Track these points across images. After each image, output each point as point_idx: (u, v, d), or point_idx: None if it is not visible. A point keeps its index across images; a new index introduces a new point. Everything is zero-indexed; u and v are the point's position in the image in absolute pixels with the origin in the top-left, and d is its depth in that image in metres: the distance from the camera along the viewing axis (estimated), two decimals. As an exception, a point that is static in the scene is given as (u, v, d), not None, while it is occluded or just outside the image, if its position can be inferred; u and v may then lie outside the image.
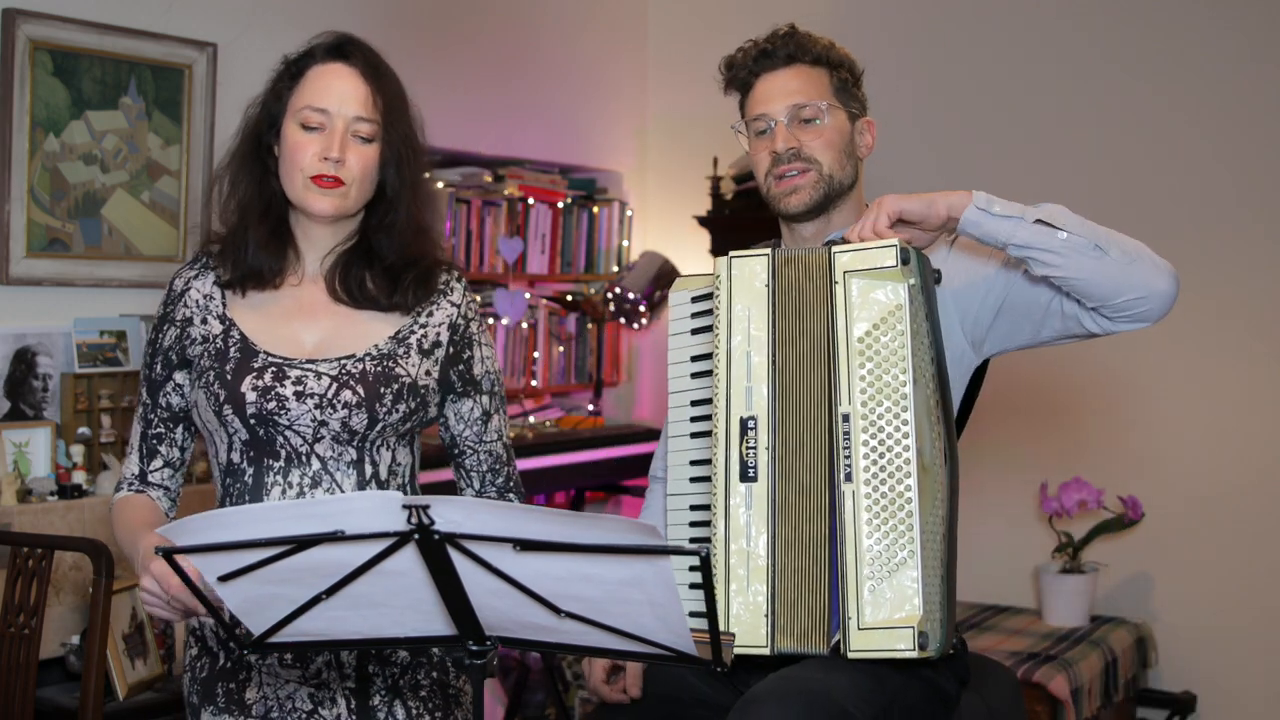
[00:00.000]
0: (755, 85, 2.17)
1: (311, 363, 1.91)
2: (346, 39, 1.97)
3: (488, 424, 2.04)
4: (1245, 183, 3.96)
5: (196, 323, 1.96)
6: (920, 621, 1.80)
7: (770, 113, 2.13)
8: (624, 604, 1.42)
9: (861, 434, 1.86)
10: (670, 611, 1.42)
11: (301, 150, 1.89)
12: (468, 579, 1.45)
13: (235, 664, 1.92)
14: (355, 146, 1.91)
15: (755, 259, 1.96)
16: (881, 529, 1.84)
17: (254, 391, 1.87)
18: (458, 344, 2.01)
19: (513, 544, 1.38)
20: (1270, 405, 3.93)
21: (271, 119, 1.95)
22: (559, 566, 1.40)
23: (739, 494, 1.91)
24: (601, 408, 4.76)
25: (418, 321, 1.99)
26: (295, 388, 1.88)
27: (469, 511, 1.38)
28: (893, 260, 1.87)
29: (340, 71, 1.93)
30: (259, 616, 1.53)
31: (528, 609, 1.46)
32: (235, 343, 1.93)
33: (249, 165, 1.97)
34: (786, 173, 2.11)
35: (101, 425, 3.23)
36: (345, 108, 1.90)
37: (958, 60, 4.38)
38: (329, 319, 1.96)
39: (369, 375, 1.91)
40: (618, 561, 1.38)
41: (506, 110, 4.45)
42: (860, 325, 1.88)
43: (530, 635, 1.53)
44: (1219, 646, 3.99)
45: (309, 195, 1.90)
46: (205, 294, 1.98)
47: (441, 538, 1.40)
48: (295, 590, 1.48)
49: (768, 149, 2.14)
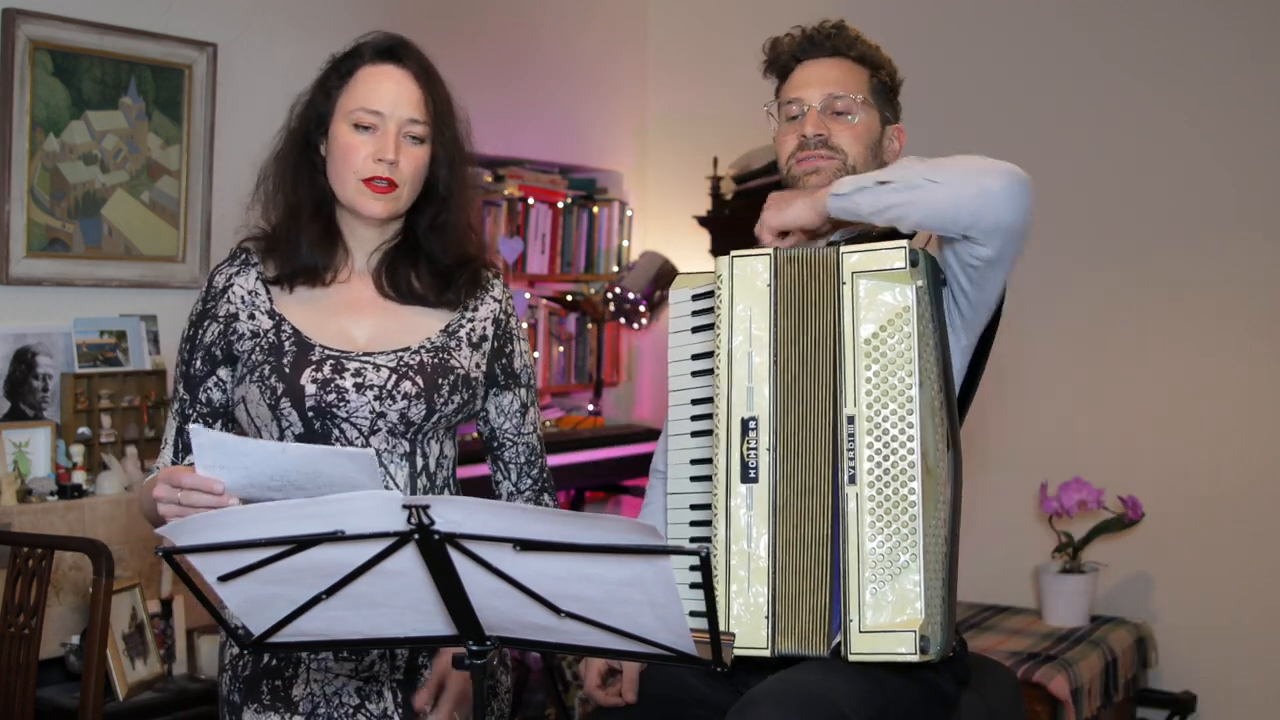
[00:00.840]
0: (795, 70, 2.17)
1: (369, 355, 1.92)
2: (399, 41, 1.98)
3: (525, 416, 2.08)
4: (1245, 183, 3.96)
5: (243, 318, 1.95)
6: (922, 625, 1.79)
7: (805, 98, 2.14)
8: (624, 604, 1.42)
9: (866, 436, 1.85)
10: (670, 611, 1.42)
11: (354, 151, 1.90)
12: (468, 579, 1.45)
13: (281, 661, 1.92)
14: (407, 148, 1.91)
15: (757, 258, 1.95)
16: (884, 531, 1.83)
17: (313, 384, 1.88)
18: (501, 338, 2.04)
19: (512, 544, 1.38)
20: (1270, 405, 3.93)
21: (319, 118, 1.95)
22: (559, 566, 1.40)
23: (740, 495, 1.90)
24: (601, 408, 4.76)
25: (464, 316, 2.01)
26: (355, 379, 1.89)
27: (469, 511, 1.38)
28: (902, 262, 1.86)
29: (393, 74, 1.94)
30: (259, 616, 1.53)
31: (528, 609, 1.46)
32: (289, 336, 1.92)
33: (297, 164, 1.96)
34: (810, 156, 2.12)
35: (101, 425, 3.23)
36: (399, 109, 1.91)
37: (958, 60, 4.38)
38: (377, 314, 1.97)
39: (426, 367, 1.93)
40: (618, 561, 1.38)
41: (506, 110, 4.45)
42: (867, 326, 1.87)
43: (530, 635, 1.53)
44: (1219, 646, 3.98)
45: (361, 198, 1.91)
46: (249, 290, 1.97)
47: (441, 538, 1.40)
48: (295, 590, 1.48)
49: (796, 132, 2.14)
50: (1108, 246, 4.14)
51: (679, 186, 4.92)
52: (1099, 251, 4.15)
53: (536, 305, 4.61)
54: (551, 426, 4.52)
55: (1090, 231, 4.17)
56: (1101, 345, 4.15)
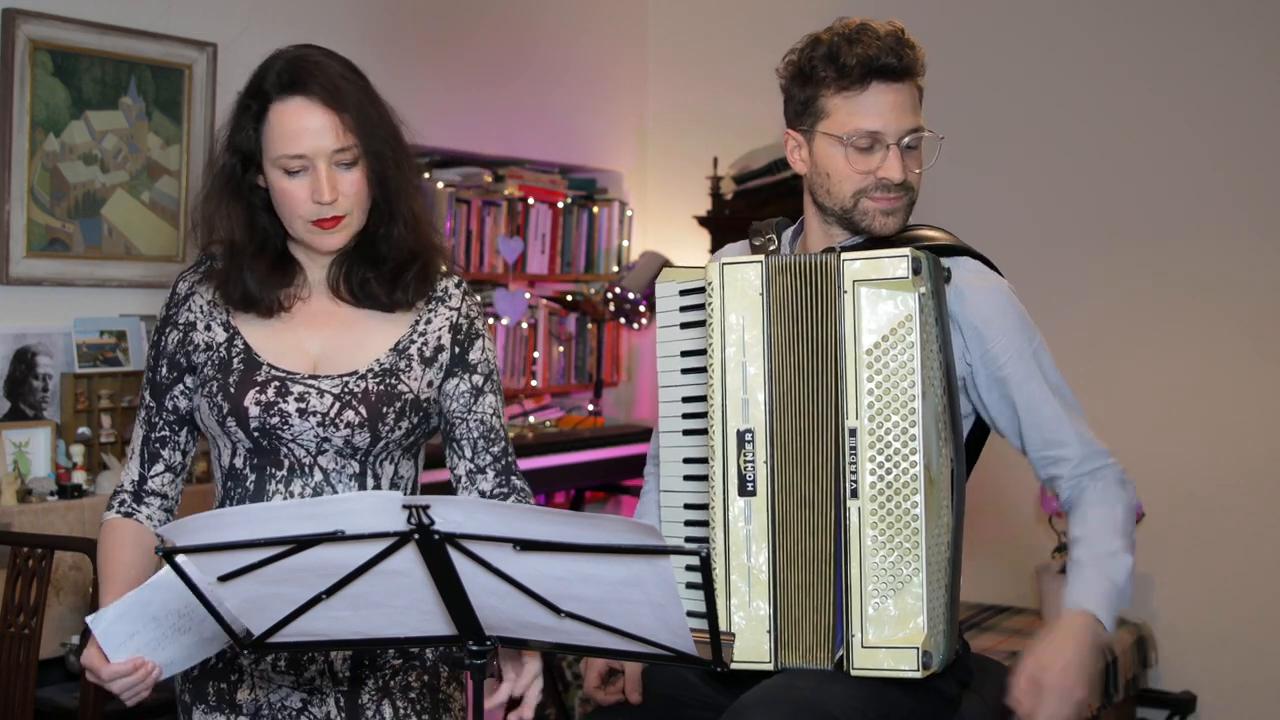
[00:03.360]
0: (865, 92, 1.96)
1: (314, 379, 1.90)
2: (297, 65, 1.88)
3: (479, 399, 1.98)
4: (1245, 184, 3.96)
5: (200, 328, 1.95)
6: (924, 641, 1.78)
7: (885, 132, 1.97)
8: (624, 604, 1.42)
9: (869, 450, 1.81)
10: (670, 612, 1.42)
11: (293, 197, 1.87)
12: (468, 579, 1.45)
13: (226, 665, 1.93)
14: (341, 175, 1.87)
15: (748, 266, 1.90)
16: (887, 546, 1.81)
17: (257, 406, 1.87)
18: (462, 343, 1.98)
19: (512, 544, 1.38)
20: (1270, 405, 3.93)
21: (245, 156, 1.91)
22: (559, 566, 1.40)
23: (737, 508, 1.87)
24: (601, 408, 4.76)
25: (416, 329, 1.97)
26: (298, 404, 1.87)
27: (469, 512, 1.38)
28: (904, 270, 1.81)
29: (302, 109, 1.86)
30: (259, 616, 1.53)
31: (528, 609, 1.46)
32: (239, 353, 1.92)
33: (229, 204, 1.93)
34: (888, 198, 2.00)
35: (101, 425, 3.23)
36: (320, 144, 1.85)
37: (957, 59, 4.38)
38: (332, 327, 1.95)
39: (371, 395, 1.89)
40: (617, 561, 1.38)
41: (506, 110, 4.45)
42: (869, 336, 1.82)
43: (530, 635, 1.52)
44: (1219, 646, 3.98)
45: (314, 238, 1.90)
46: (209, 300, 1.96)
47: (441, 538, 1.39)
48: (295, 590, 1.48)
49: (870, 170, 1.98)
50: (1108, 247, 4.14)
51: (679, 186, 4.92)
52: (1099, 252, 4.15)
53: (536, 305, 4.61)
54: (551, 426, 4.52)
55: (1091, 232, 4.17)
56: (1101, 345, 4.15)
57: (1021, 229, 4.20)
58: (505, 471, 1.98)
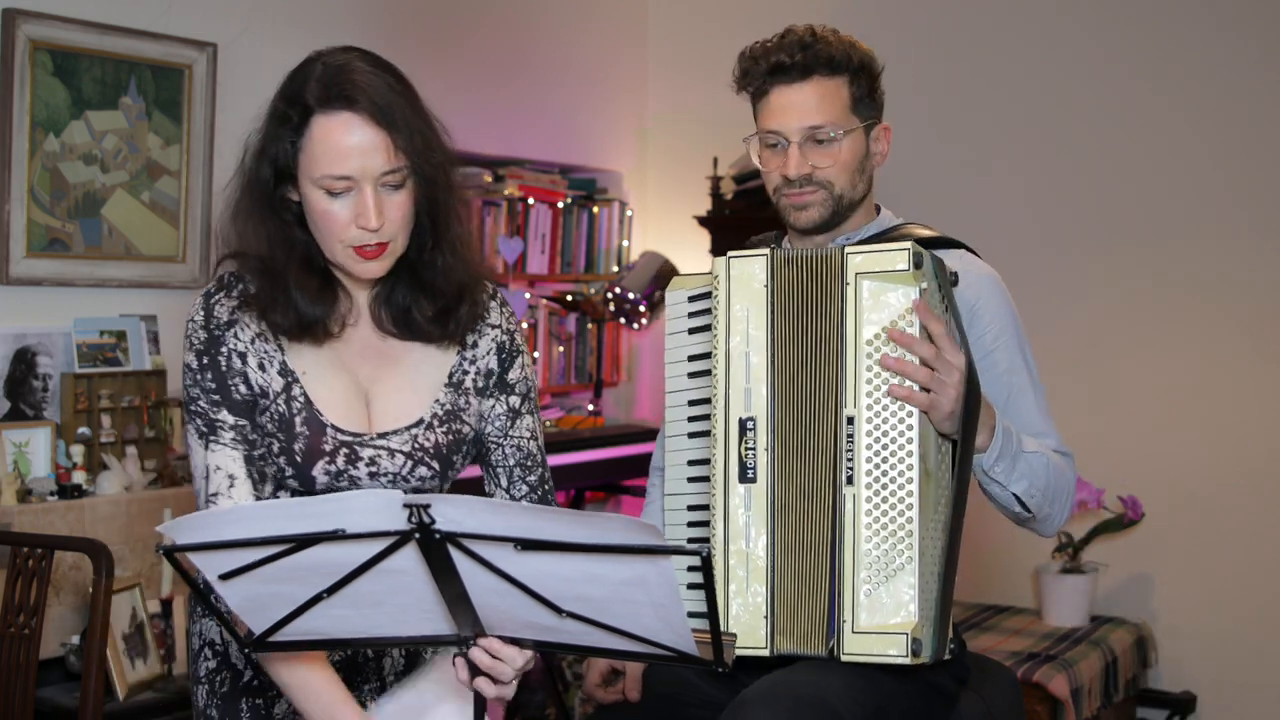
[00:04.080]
0: (769, 95, 2.09)
1: (383, 437, 1.81)
2: (342, 74, 1.73)
3: (516, 421, 1.93)
4: (1245, 184, 3.96)
5: (253, 365, 1.79)
6: (914, 628, 1.79)
7: (783, 130, 2.07)
8: (626, 604, 1.42)
9: (865, 437, 1.84)
10: (672, 612, 1.42)
11: (334, 220, 1.72)
12: (469, 578, 1.44)
13: (264, 681, 1.86)
14: (388, 198, 1.73)
15: (754, 259, 1.94)
16: (881, 533, 1.83)
17: (326, 475, 1.78)
18: (505, 361, 1.93)
19: (514, 543, 1.38)
20: (1270, 405, 3.93)
21: (280, 172, 1.76)
22: (561, 566, 1.40)
23: (738, 495, 1.90)
24: (601, 408, 4.76)
25: (465, 356, 1.90)
26: (369, 468, 1.80)
27: (469, 510, 1.38)
28: (904, 264, 1.84)
29: (350, 125, 1.70)
30: (260, 615, 1.52)
31: (529, 608, 1.46)
32: (300, 410, 1.78)
33: (265, 219, 1.78)
34: (798, 193, 2.09)
35: (101, 425, 3.23)
36: (369, 165, 1.71)
37: (957, 59, 4.38)
38: (384, 363, 1.85)
39: (442, 447, 1.83)
40: (620, 561, 1.37)
41: (506, 110, 4.45)
42: (870, 328, 1.85)
43: (532, 635, 1.52)
44: (1219, 646, 3.98)
45: (353, 264, 1.76)
46: (257, 332, 1.79)
47: (442, 537, 1.39)
48: (296, 589, 1.48)
49: (779, 168, 2.09)
50: (1108, 247, 4.14)
51: (679, 186, 4.92)
52: (1099, 252, 4.15)
53: (536, 305, 4.61)
54: (551, 426, 4.52)
55: (1091, 232, 4.17)
56: (1101, 345, 4.15)
57: (1022, 229, 4.20)
58: (543, 502, 1.95)
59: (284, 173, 1.75)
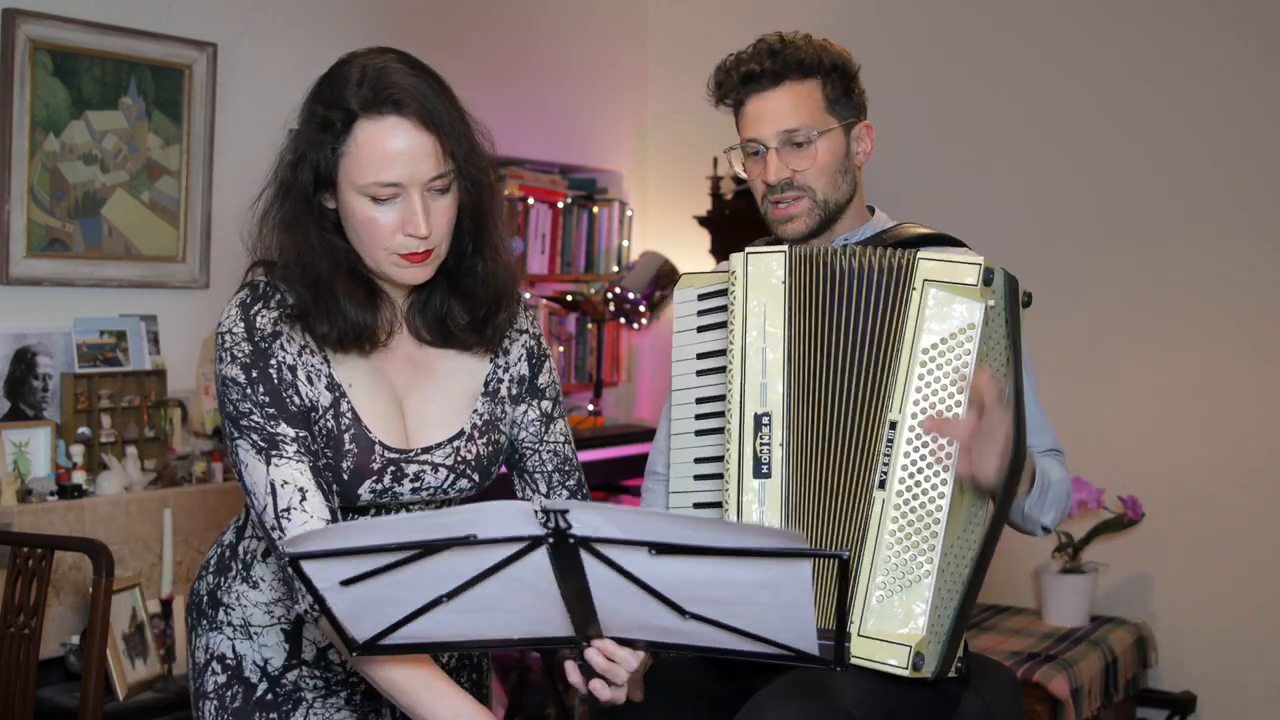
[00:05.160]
0: (745, 105, 2.11)
1: (427, 452, 1.79)
2: (386, 76, 1.68)
3: (549, 426, 1.91)
4: (1244, 184, 3.96)
5: (301, 378, 1.73)
6: (920, 642, 1.78)
7: (760, 137, 2.09)
8: (754, 606, 1.42)
9: (905, 445, 1.83)
10: (800, 613, 1.41)
11: (377, 227, 1.67)
12: (595, 581, 1.44)
13: (277, 695, 1.84)
14: (435, 203, 1.69)
15: (771, 255, 1.93)
16: (904, 541, 1.81)
17: (371, 494, 1.76)
18: (535, 367, 1.92)
19: (649, 547, 1.37)
20: (1270, 405, 3.93)
21: (320, 179, 1.70)
22: (694, 570, 1.39)
23: (751, 490, 1.88)
24: (601, 408, 4.76)
25: (497, 363, 1.88)
26: (412, 484, 1.78)
27: (607, 515, 1.37)
28: (974, 278, 1.83)
29: (398, 129, 1.65)
30: (366, 621, 1.51)
31: (652, 610, 1.45)
32: (348, 426, 1.74)
33: (307, 229, 1.71)
34: (781, 201, 2.09)
35: (101, 425, 3.23)
36: (418, 172, 1.66)
37: (957, 58, 4.38)
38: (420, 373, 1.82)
39: (483, 459, 1.82)
40: (756, 564, 1.37)
41: (506, 110, 4.45)
42: (928, 336, 1.84)
43: (649, 636, 1.52)
44: (1219, 646, 3.98)
45: (398, 271, 1.71)
46: (302, 344, 1.74)
47: (576, 541, 1.38)
48: (407, 594, 1.46)
49: (760, 176, 2.11)
50: (1108, 247, 4.14)
51: (679, 186, 4.92)
52: (1099, 251, 4.15)
53: (536, 305, 4.61)
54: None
55: (1091, 232, 4.17)
56: (1101, 345, 4.15)
57: (1022, 229, 4.20)
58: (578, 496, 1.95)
59: (324, 180, 1.70)
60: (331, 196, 1.71)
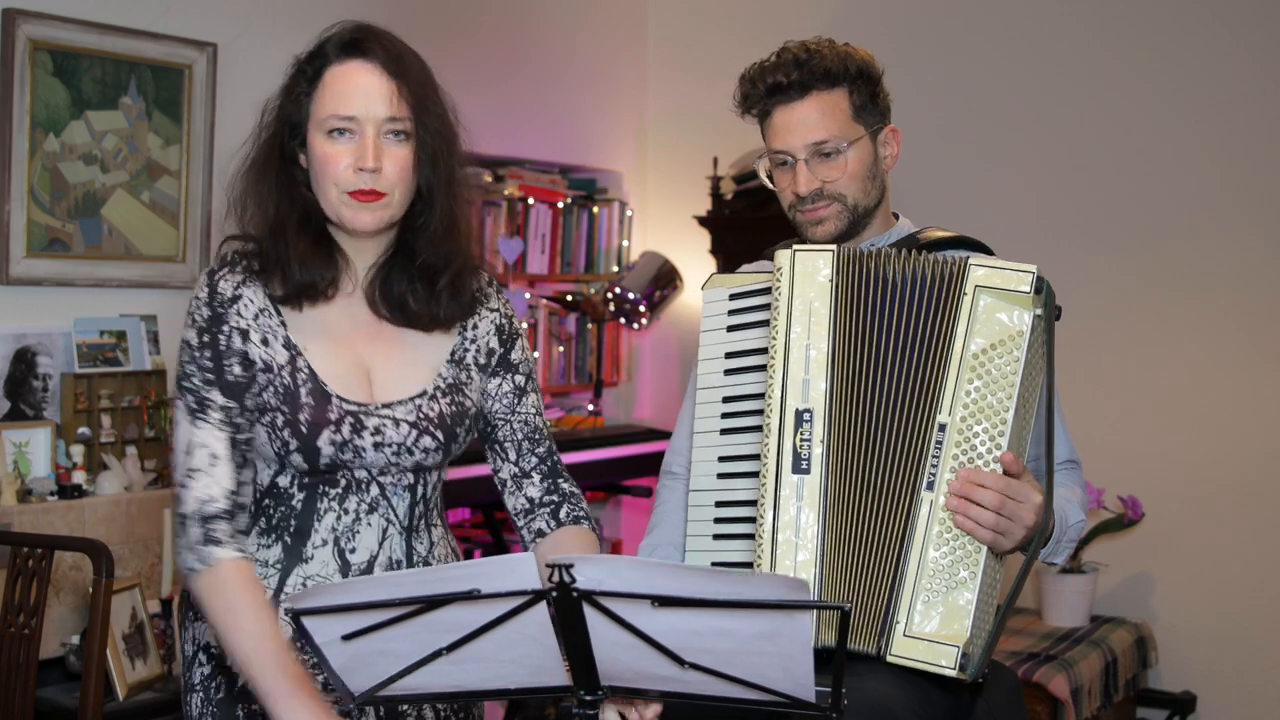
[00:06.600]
0: (772, 116, 2.10)
1: (388, 407, 1.82)
2: (360, 31, 1.83)
3: (522, 399, 1.95)
4: (1244, 184, 3.96)
5: (255, 341, 1.80)
6: (966, 643, 1.79)
7: (789, 149, 2.08)
8: (753, 656, 1.41)
9: (954, 447, 1.83)
10: (799, 664, 1.41)
11: (333, 162, 1.77)
12: (595, 632, 1.44)
13: None
14: (390, 149, 1.78)
15: (819, 254, 1.92)
16: (951, 544, 1.82)
17: (331, 445, 1.78)
18: (505, 343, 1.96)
19: (651, 600, 1.37)
20: (1270, 405, 3.93)
21: (293, 126, 1.81)
22: (695, 621, 1.39)
23: (790, 485, 1.88)
24: (601, 408, 4.76)
25: (466, 336, 1.92)
26: (374, 438, 1.80)
27: (611, 569, 1.37)
28: (1027, 286, 1.84)
29: (361, 70, 1.79)
30: (362, 674, 1.51)
31: (651, 660, 1.45)
32: (305, 381, 1.80)
33: (273, 176, 1.82)
34: (812, 209, 2.08)
35: (101, 425, 3.23)
36: (373, 109, 1.77)
37: (957, 58, 4.38)
38: (385, 340, 1.87)
39: (446, 417, 1.85)
40: (756, 615, 1.37)
41: (506, 110, 4.45)
42: (978, 341, 1.84)
43: (648, 685, 1.52)
44: (1219, 646, 3.99)
45: (346, 210, 1.78)
46: (260, 307, 1.81)
47: (579, 594, 1.38)
48: (405, 646, 1.47)
49: (790, 186, 2.09)
50: (1108, 245, 4.14)
51: (679, 186, 4.92)
52: (1099, 251, 4.15)
53: (536, 305, 4.61)
54: (551, 427, 4.51)
55: (1091, 231, 4.17)
56: (1101, 344, 4.15)
57: (1022, 228, 4.20)
58: (552, 474, 1.97)
59: (296, 129, 1.81)
60: (302, 147, 1.81)
